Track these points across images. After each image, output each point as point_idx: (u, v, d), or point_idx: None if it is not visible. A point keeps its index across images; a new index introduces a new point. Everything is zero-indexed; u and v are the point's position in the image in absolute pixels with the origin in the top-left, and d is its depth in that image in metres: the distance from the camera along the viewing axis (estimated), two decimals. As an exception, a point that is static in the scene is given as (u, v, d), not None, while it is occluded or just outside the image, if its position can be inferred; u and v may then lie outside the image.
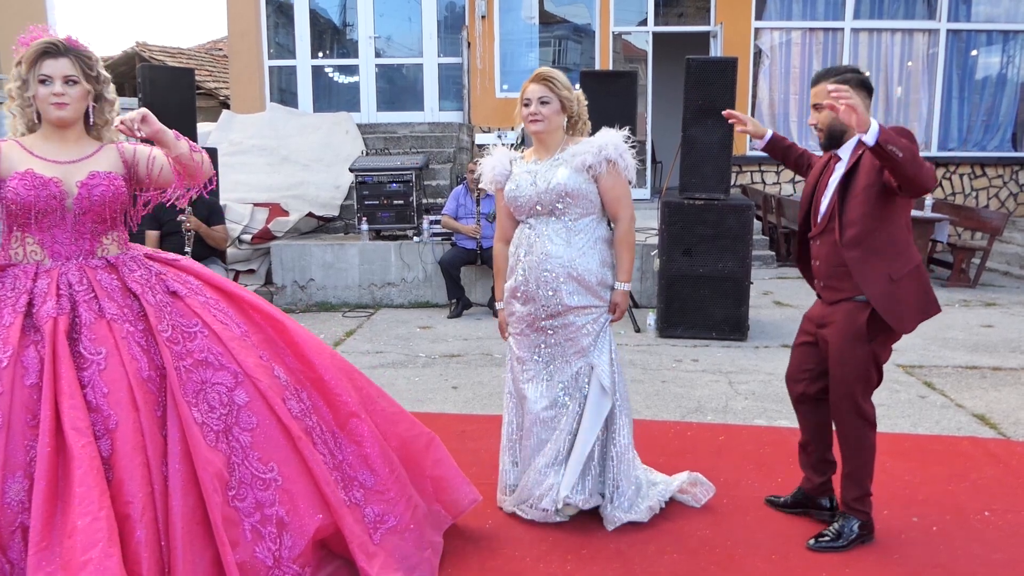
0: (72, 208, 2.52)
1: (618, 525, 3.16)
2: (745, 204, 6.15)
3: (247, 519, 2.41)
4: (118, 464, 2.25)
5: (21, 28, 2.65)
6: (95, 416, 2.30)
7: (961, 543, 3.07)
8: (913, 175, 2.61)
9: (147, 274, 2.60)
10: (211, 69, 15.59)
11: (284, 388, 2.63)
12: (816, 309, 3.13)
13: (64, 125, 2.54)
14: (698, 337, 6.15)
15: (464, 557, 2.95)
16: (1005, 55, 11.07)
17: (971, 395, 4.85)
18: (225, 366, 2.53)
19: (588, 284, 3.15)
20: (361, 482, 2.71)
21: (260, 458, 2.49)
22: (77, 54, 2.51)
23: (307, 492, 2.53)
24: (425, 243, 7.53)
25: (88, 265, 2.54)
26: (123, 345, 2.40)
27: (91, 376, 2.34)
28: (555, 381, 3.21)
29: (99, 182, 2.54)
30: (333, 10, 11.63)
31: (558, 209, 3.13)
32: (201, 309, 2.60)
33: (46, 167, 2.50)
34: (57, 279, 2.47)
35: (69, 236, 2.53)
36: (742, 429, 4.29)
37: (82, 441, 2.21)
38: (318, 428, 2.67)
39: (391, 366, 5.55)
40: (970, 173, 11.06)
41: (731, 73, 5.95)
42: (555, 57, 11.62)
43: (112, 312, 2.45)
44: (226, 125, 9.74)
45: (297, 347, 2.75)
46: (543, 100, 3.12)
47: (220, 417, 2.47)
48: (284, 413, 2.55)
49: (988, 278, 8.80)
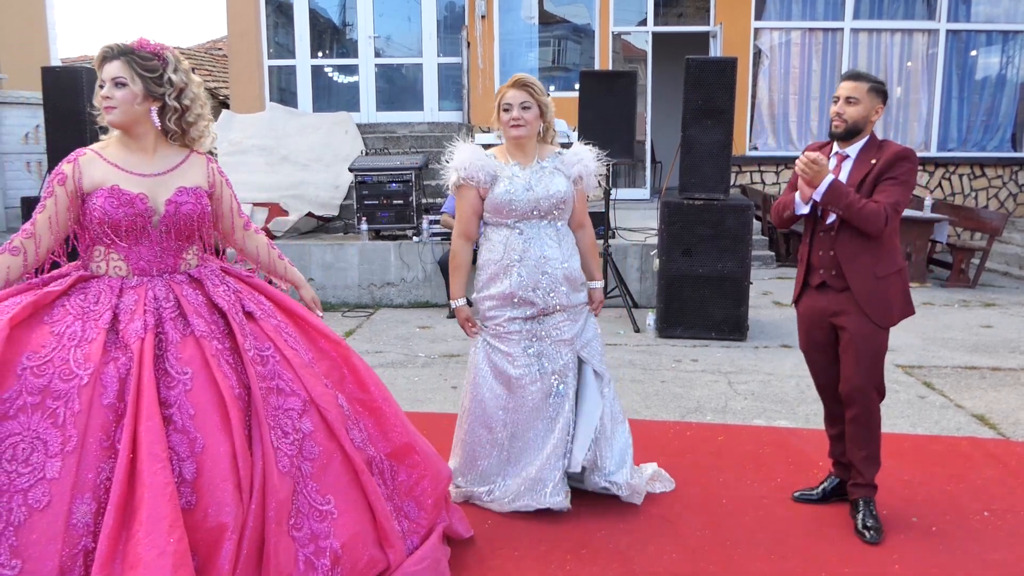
0: (158, 225, 2.46)
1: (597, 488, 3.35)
2: (745, 204, 6.15)
3: (302, 550, 2.35)
4: (203, 489, 2.20)
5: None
6: (180, 437, 2.24)
7: (960, 543, 3.07)
8: (856, 224, 3.02)
9: (228, 290, 2.56)
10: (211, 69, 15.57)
11: (347, 418, 2.59)
12: (823, 300, 3.19)
13: (122, 129, 2.46)
14: (698, 337, 6.15)
15: (464, 557, 2.95)
16: (1005, 55, 11.07)
17: (970, 395, 4.85)
18: (295, 392, 2.48)
19: (575, 284, 3.33)
20: (406, 512, 2.70)
21: (319, 489, 2.44)
22: (133, 56, 2.41)
23: (363, 526, 2.49)
24: (424, 243, 7.53)
25: (174, 281, 2.48)
26: (213, 363, 2.33)
27: (177, 396, 2.28)
28: (548, 372, 3.27)
29: (186, 199, 2.48)
30: (333, 10, 11.63)
31: (552, 215, 3.24)
32: (274, 333, 2.55)
33: (131, 182, 2.43)
34: (144, 296, 2.41)
35: (154, 252, 2.47)
36: (741, 429, 4.29)
37: (155, 467, 2.15)
38: (377, 458, 2.65)
39: (391, 366, 5.55)
40: (969, 173, 11.06)
41: (731, 73, 5.96)
42: (555, 57, 11.62)
43: (201, 329, 2.39)
44: (226, 125, 9.73)
45: (359, 375, 2.72)
46: (524, 105, 3.19)
47: (293, 443, 2.41)
48: (347, 443, 2.51)
49: (987, 278, 8.80)
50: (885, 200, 2.99)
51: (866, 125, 3.09)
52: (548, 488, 3.20)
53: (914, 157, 3.07)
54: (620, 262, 7.26)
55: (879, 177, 3.03)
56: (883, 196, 3.00)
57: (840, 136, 3.11)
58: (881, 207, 2.97)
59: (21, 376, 2.19)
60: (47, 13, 10.73)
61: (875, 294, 3.07)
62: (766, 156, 11.08)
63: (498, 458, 3.33)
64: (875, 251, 3.07)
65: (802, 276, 3.27)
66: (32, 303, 2.32)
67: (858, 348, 3.09)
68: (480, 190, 3.25)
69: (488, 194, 3.24)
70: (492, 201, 3.24)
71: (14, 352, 2.21)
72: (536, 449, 3.25)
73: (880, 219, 2.97)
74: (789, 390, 4.94)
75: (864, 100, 3.05)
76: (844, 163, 3.15)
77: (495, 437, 3.32)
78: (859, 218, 2.99)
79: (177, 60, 2.49)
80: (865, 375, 3.09)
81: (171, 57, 2.47)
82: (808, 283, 3.25)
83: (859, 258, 3.08)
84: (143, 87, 2.41)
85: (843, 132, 3.09)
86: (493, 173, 3.24)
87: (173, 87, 2.46)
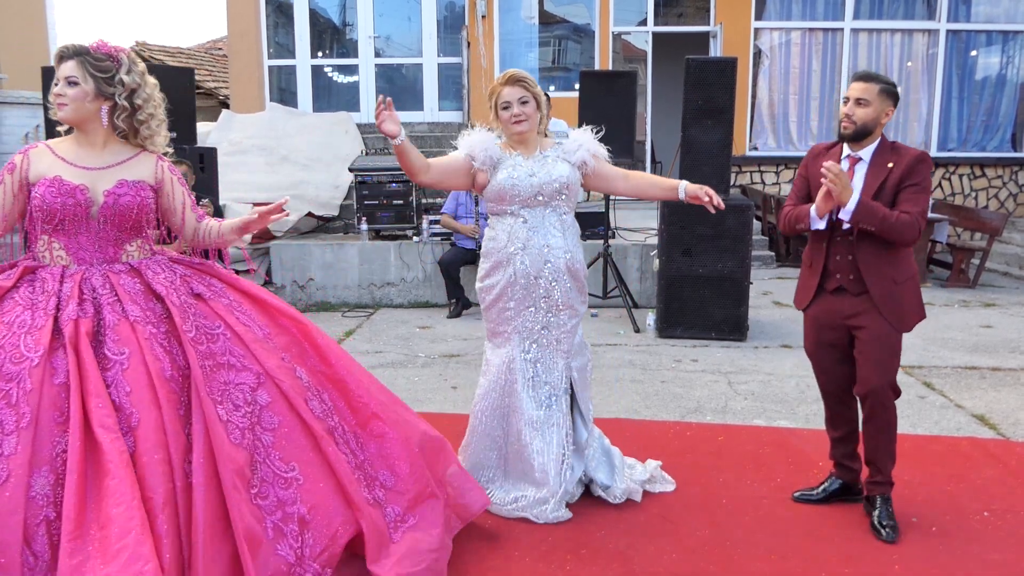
0: (97, 216, 2.56)
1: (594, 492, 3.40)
2: (745, 204, 6.15)
3: (269, 516, 2.43)
4: (139, 460, 2.30)
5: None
6: (119, 414, 2.34)
7: (960, 543, 3.07)
8: (892, 239, 3.02)
9: (172, 276, 2.64)
10: (211, 69, 15.58)
11: (306, 389, 2.66)
12: (838, 303, 3.17)
13: (75, 125, 2.58)
14: (697, 337, 6.15)
15: (464, 557, 2.95)
16: (1005, 55, 11.07)
17: (970, 395, 4.85)
18: (247, 367, 2.57)
19: (580, 281, 3.31)
20: (382, 482, 2.75)
21: (282, 457, 2.52)
22: (87, 56, 2.53)
23: (329, 491, 2.56)
24: (425, 243, 7.53)
25: (111, 270, 2.58)
26: (146, 346, 2.44)
27: (114, 376, 2.39)
28: (542, 382, 3.28)
29: (126, 191, 2.57)
30: (333, 10, 11.63)
31: (555, 201, 3.24)
32: (224, 311, 2.65)
33: (75, 173, 2.54)
34: (80, 283, 2.51)
35: (93, 242, 2.58)
36: (741, 429, 4.29)
37: (111, 436, 2.26)
38: (340, 428, 2.70)
39: (391, 366, 5.55)
40: (969, 173, 11.06)
41: (731, 73, 5.96)
42: (555, 57, 11.62)
43: (135, 314, 2.49)
44: (226, 125, 9.73)
45: (320, 349, 2.79)
46: (523, 100, 3.21)
47: (245, 415, 2.49)
48: (306, 413, 2.58)
49: (987, 278, 8.80)
50: (915, 209, 2.98)
51: (876, 127, 3.07)
52: (550, 505, 3.20)
53: (930, 160, 3.08)
54: (620, 262, 7.26)
55: (900, 183, 3.02)
56: (911, 205, 2.99)
57: (849, 138, 3.09)
58: (913, 218, 2.97)
59: None
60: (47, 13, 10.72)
61: (893, 299, 3.07)
62: (766, 156, 11.08)
63: (497, 464, 3.35)
64: (894, 257, 3.08)
65: (817, 281, 3.20)
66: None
67: (876, 348, 3.09)
68: (475, 170, 3.25)
69: (489, 181, 3.25)
70: (494, 188, 3.24)
71: None
72: (534, 461, 3.24)
73: (914, 230, 2.98)
74: (789, 390, 4.94)
75: (875, 102, 3.03)
76: (857, 166, 3.11)
77: (495, 442, 3.35)
78: (894, 232, 2.98)
79: (132, 62, 2.61)
80: (882, 375, 3.08)
81: (125, 59, 2.59)
82: (823, 288, 3.20)
83: (879, 264, 3.07)
84: (94, 86, 2.54)
85: (852, 134, 3.07)
86: (495, 158, 3.26)
87: (124, 87, 2.58)
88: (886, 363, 3.09)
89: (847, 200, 2.98)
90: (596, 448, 3.43)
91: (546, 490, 3.21)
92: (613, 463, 3.45)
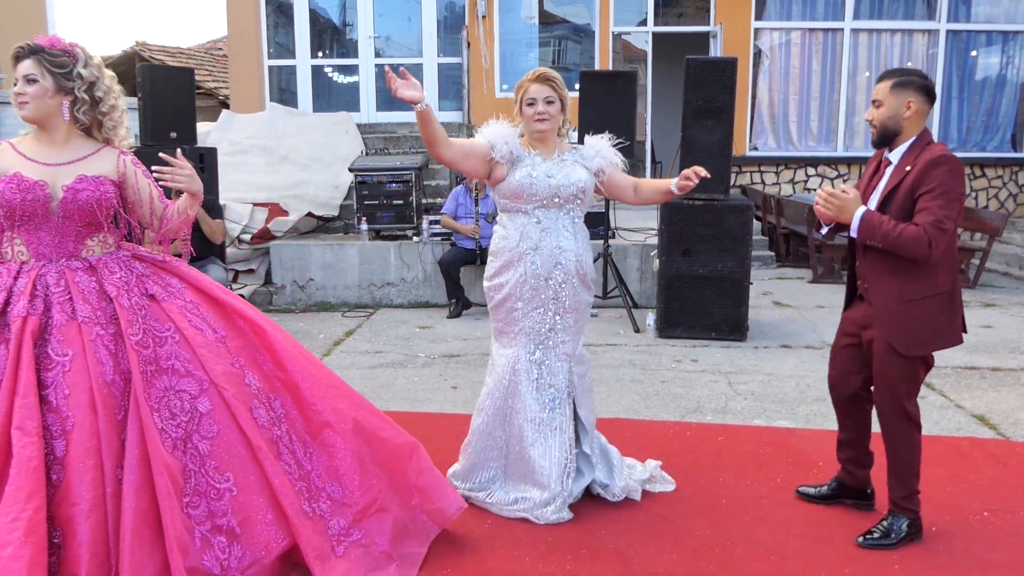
0: (56, 211, 2.54)
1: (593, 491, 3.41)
2: (745, 204, 6.15)
3: (198, 527, 2.44)
4: (70, 465, 2.28)
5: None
6: (54, 417, 2.33)
7: (960, 544, 3.07)
8: (903, 254, 2.79)
9: (127, 275, 2.62)
10: (211, 69, 15.58)
11: (254, 396, 2.63)
12: (859, 311, 3.10)
13: (35, 123, 2.59)
14: (697, 337, 6.15)
15: (464, 557, 2.95)
16: (1005, 56, 11.07)
17: (970, 396, 4.85)
18: (191, 373, 2.55)
19: (588, 285, 3.33)
20: (329, 493, 2.71)
21: (217, 467, 2.51)
22: (43, 54, 2.54)
23: (263, 504, 2.54)
24: (425, 243, 7.53)
25: (68, 267, 2.56)
26: (90, 348, 2.43)
27: (55, 377, 2.38)
28: (546, 385, 3.27)
29: (85, 186, 2.56)
30: (333, 10, 11.63)
31: (571, 204, 3.25)
32: (176, 314, 2.62)
33: (35, 170, 2.54)
34: (34, 279, 2.50)
35: (53, 238, 2.56)
36: (741, 429, 4.29)
37: (24, 441, 2.23)
38: (287, 437, 2.68)
39: (390, 366, 5.55)
40: (970, 174, 11.05)
41: (731, 73, 5.96)
42: (555, 57, 11.62)
43: (84, 314, 2.48)
44: (226, 125, 9.73)
45: (276, 354, 2.75)
46: (549, 100, 3.22)
47: (180, 424, 2.48)
48: (248, 423, 2.56)
49: (987, 279, 8.80)
50: (925, 220, 2.71)
51: (901, 125, 2.88)
52: (551, 507, 3.19)
53: (950, 160, 2.77)
54: (620, 262, 7.26)
55: (915, 188, 2.79)
56: (922, 216, 2.73)
57: (876, 143, 2.97)
58: (921, 230, 2.71)
59: None
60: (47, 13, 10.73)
61: (898, 318, 2.86)
62: (766, 156, 11.08)
63: (497, 465, 3.35)
64: (905, 272, 2.83)
65: (853, 286, 3.14)
66: None
67: (880, 366, 2.97)
68: (494, 161, 3.22)
69: (506, 177, 3.22)
70: (511, 185, 3.21)
71: None
72: (535, 464, 3.23)
73: (922, 244, 2.71)
74: (789, 390, 4.94)
75: (887, 100, 2.88)
76: (887, 169, 2.95)
77: (496, 443, 3.34)
78: (899, 247, 2.75)
79: (87, 56, 2.62)
80: (884, 395, 2.98)
81: (81, 54, 2.60)
82: (856, 293, 3.12)
83: (882, 278, 2.89)
84: (53, 82, 2.55)
85: (877, 138, 2.95)
86: (515, 153, 3.24)
87: (83, 81, 2.59)
88: (889, 384, 2.95)
89: (848, 219, 2.85)
90: (595, 447, 3.44)
91: (548, 492, 3.20)
92: (611, 461, 3.45)
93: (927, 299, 2.84)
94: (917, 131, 2.91)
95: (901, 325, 2.88)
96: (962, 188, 2.81)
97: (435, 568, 2.85)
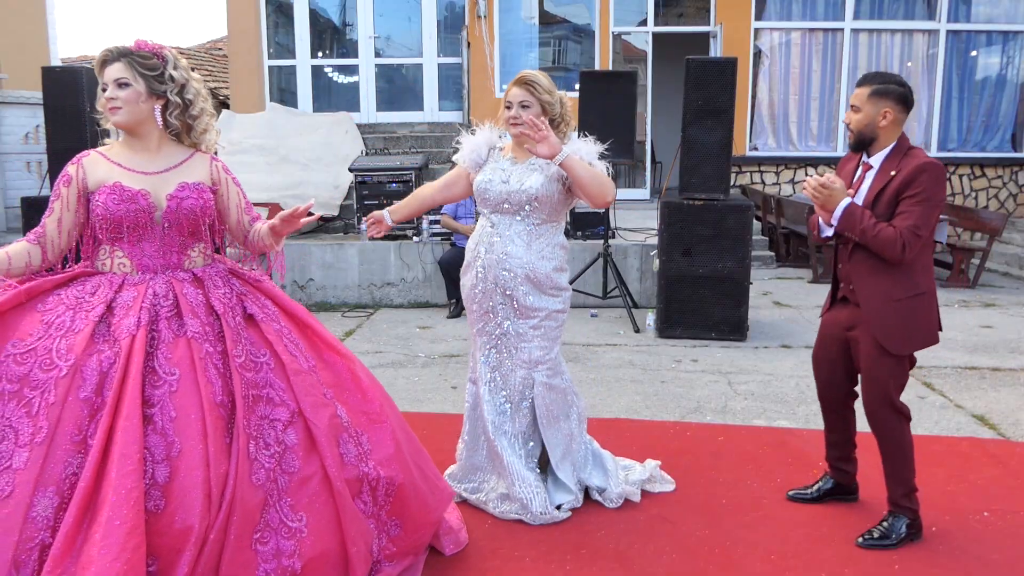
0: (161, 221, 2.47)
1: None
2: (745, 204, 6.15)
3: (264, 564, 2.30)
4: (174, 495, 2.17)
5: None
6: (158, 439, 2.21)
7: (960, 544, 3.07)
8: (874, 251, 2.87)
9: (229, 293, 2.53)
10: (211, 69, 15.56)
11: (344, 430, 2.52)
12: (843, 312, 3.12)
13: (127, 130, 2.49)
14: (697, 337, 6.15)
15: (463, 557, 2.95)
16: (1005, 56, 11.06)
17: (970, 396, 4.85)
18: (284, 402, 2.44)
19: (542, 286, 3.19)
20: (389, 533, 2.64)
21: (292, 505, 2.38)
22: (133, 56, 2.44)
23: (330, 548, 2.42)
24: (424, 243, 7.53)
25: (175, 278, 2.47)
26: (200, 366, 2.32)
27: (161, 396, 2.26)
28: (499, 388, 3.25)
29: (188, 194, 2.49)
30: (333, 10, 11.63)
31: (524, 211, 3.16)
32: (274, 338, 2.51)
33: (133, 179, 2.45)
34: (144, 292, 2.40)
35: (157, 249, 2.48)
36: (741, 429, 4.29)
37: (126, 469, 2.11)
38: (372, 474, 2.55)
39: (390, 366, 5.55)
40: (969, 174, 11.06)
41: (731, 73, 5.96)
42: (555, 57, 11.61)
43: (195, 330, 2.37)
44: (226, 125, 9.72)
45: (361, 386, 2.65)
46: (524, 104, 3.14)
47: (273, 455, 2.37)
48: (331, 460, 2.44)
49: (987, 279, 8.80)
50: (902, 224, 2.80)
51: (876, 132, 2.92)
52: (535, 505, 3.17)
53: (935, 168, 2.83)
54: (620, 262, 7.26)
55: (899, 192, 2.85)
56: (903, 219, 2.81)
57: (853, 147, 3.00)
58: (897, 233, 2.79)
59: (3, 363, 2.20)
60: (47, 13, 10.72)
61: (886, 317, 2.92)
62: (766, 156, 11.08)
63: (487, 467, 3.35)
64: (892, 272, 2.90)
65: (832, 289, 3.18)
66: (27, 289, 2.34)
67: (868, 366, 3.00)
68: (468, 172, 3.29)
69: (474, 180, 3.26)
70: (475, 188, 3.25)
71: (1, 338, 2.23)
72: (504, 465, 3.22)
73: (896, 246, 2.80)
74: (789, 390, 4.94)
75: (864, 106, 2.91)
76: (868, 173, 2.99)
77: (478, 442, 3.37)
78: (874, 244, 2.84)
79: (176, 58, 2.52)
80: (872, 394, 2.99)
81: (170, 55, 2.51)
82: (836, 296, 3.16)
83: (871, 278, 2.94)
84: (146, 85, 2.45)
85: (853, 142, 2.98)
86: (480, 161, 3.25)
87: (175, 83, 2.49)
88: (878, 383, 2.97)
89: (832, 208, 2.88)
90: (586, 454, 3.40)
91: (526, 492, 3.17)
92: (605, 467, 3.42)
93: (911, 299, 2.92)
94: (894, 138, 2.95)
95: (889, 324, 2.93)
96: (943, 195, 2.90)
97: (435, 568, 2.84)
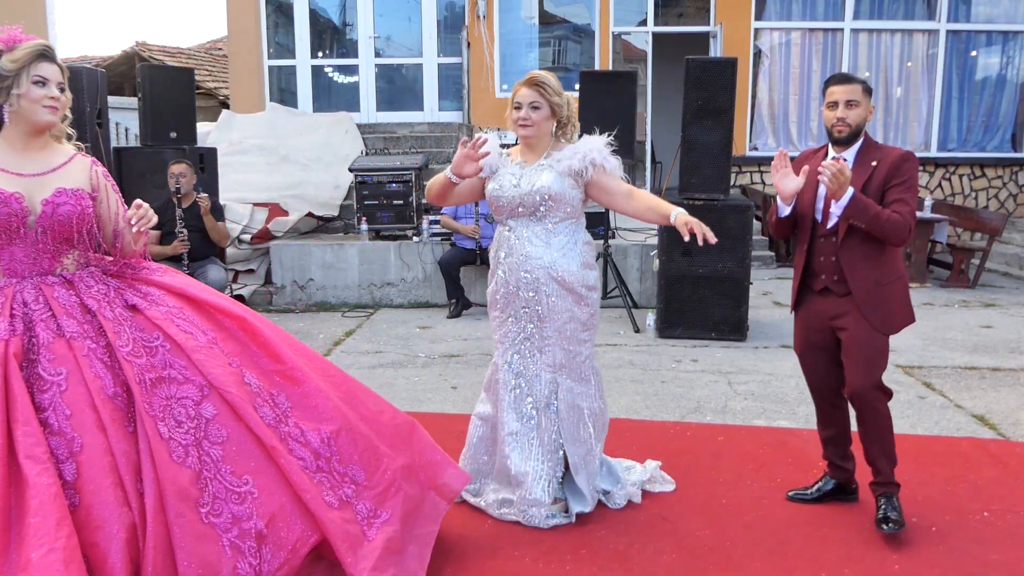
0: (34, 226, 2.40)
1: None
2: (745, 204, 6.16)
3: (224, 535, 2.31)
4: (84, 489, 2.16)
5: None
6: (58, 440, 2.20)
7: (960, 544, 3.07)
8: (881, 236, 3.01)
9: (105, 289, 2.50)
10: (211, 69, 15.57)
11: (256, 395, 2.53)
12: (826, 303, 3.18)
13: (47, 130, 2.48)
14: (697, 337, 6.15)
15: (463, 557, 2.95)
16: (1005, 56, 11.06)
17: (970, 396, 4.85)
18: (189, 379, 2.44)
19: (569, 285, 3.15)
20: (352, 477, 2.64)
21: (233, 471, 2.40)
22: (60, 64, 2.49)
23: (285, 502, 2.45)
24: (425, 243, 7.53)
25: (44, 282, 2.43)
26: (84, 363, 2.30)
27: (52, 398, 2.24)
28: (524, 394, 3.23)
29: (65, 200, 2.42)
30: (333, 10, 11.62)
31: (539, 212, 3.13)
32: (163, 320, 2.49)
33: (9, 181, 2.38)
34: (11, 298, 2.36)
35: (29, 254, 2.42)
36: (741, 429, 4.29)
37: (37, 469, 2.10)
38: (296, 431, 2.57)
39: (390, 366, 5.55)
40: (969, 174, 11.06)
41: (731, 73, 5.96)
42: (555, 57, 11.61)
43: (72, 330, 2.35)
44: (226, 125, 9.73)
45: (269, 347, 2.65)
46: (534, 105, 3.11)
47: (188, 431, 2.37)
48: (256, 422, 2.46)
49: (987, 279, 8.80)
50: (905, 209, 2.98)
51: (863, 127, 3.11)
52: (543, 512, 3.17)
53: (914, 157, 3.07)
54: (620, 262, 7.26)
55: (885, 182, 3.02)
56: (902, 206, 2.98)
57: (844, 140, 3.10)
58: (905, 219, 2.97)
59: None
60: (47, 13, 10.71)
61: (876, 300, 3.07)
62: (766, 156, 11.06)
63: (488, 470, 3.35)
64: (878, 259, 3.07)
65: (799, 281, 3.25)
66: None
67: (858, 350, 3.08)
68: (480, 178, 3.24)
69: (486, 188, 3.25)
70: (487, 198, 3.24)
71: None
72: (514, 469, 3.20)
73: (905, 230, 2.98)
74: (789, 390, 4.94)
75: (863, 102, 3.07)
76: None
77: (487, 448, 3.35)
78: (884, 230, 2.98)
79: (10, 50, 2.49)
80: (866, 376, 3.07)
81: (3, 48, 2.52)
82: (810, 288, 3.22)
83: (863, 265, 3.07)
84: None
85: (847, 136, 3.08)
86: (493, 167, 3.22)
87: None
88: (870, 364, 3.08)
89: (841, 196, 2.97)
90: (599, 462, 3.41)
91: (531, 495, 3.16)
92: (613, 471, 3.43)
93: (893, 283, 3.10)
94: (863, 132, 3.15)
95: (879, 308, 3.08)
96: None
97: (436, 568, 2.84)
